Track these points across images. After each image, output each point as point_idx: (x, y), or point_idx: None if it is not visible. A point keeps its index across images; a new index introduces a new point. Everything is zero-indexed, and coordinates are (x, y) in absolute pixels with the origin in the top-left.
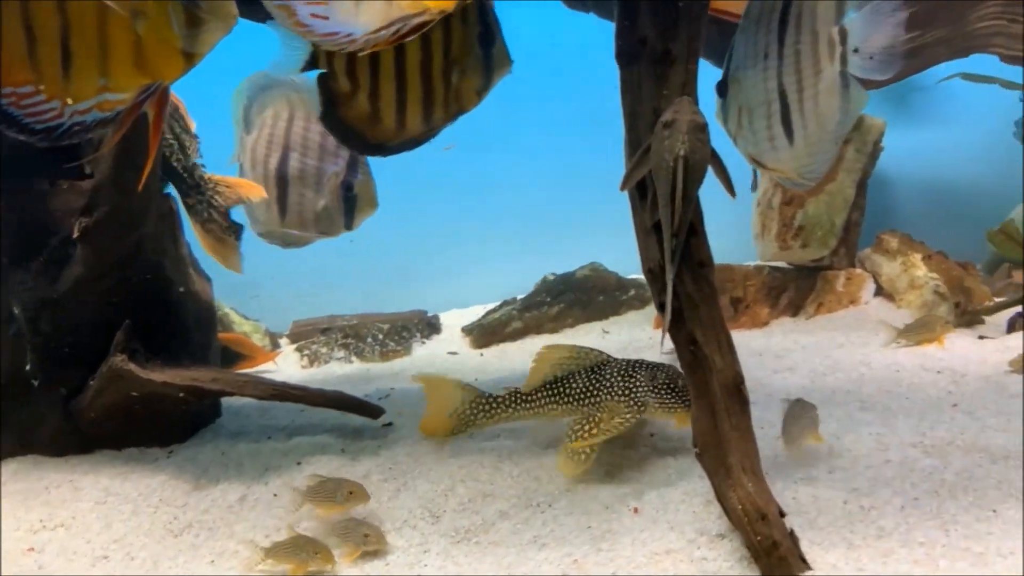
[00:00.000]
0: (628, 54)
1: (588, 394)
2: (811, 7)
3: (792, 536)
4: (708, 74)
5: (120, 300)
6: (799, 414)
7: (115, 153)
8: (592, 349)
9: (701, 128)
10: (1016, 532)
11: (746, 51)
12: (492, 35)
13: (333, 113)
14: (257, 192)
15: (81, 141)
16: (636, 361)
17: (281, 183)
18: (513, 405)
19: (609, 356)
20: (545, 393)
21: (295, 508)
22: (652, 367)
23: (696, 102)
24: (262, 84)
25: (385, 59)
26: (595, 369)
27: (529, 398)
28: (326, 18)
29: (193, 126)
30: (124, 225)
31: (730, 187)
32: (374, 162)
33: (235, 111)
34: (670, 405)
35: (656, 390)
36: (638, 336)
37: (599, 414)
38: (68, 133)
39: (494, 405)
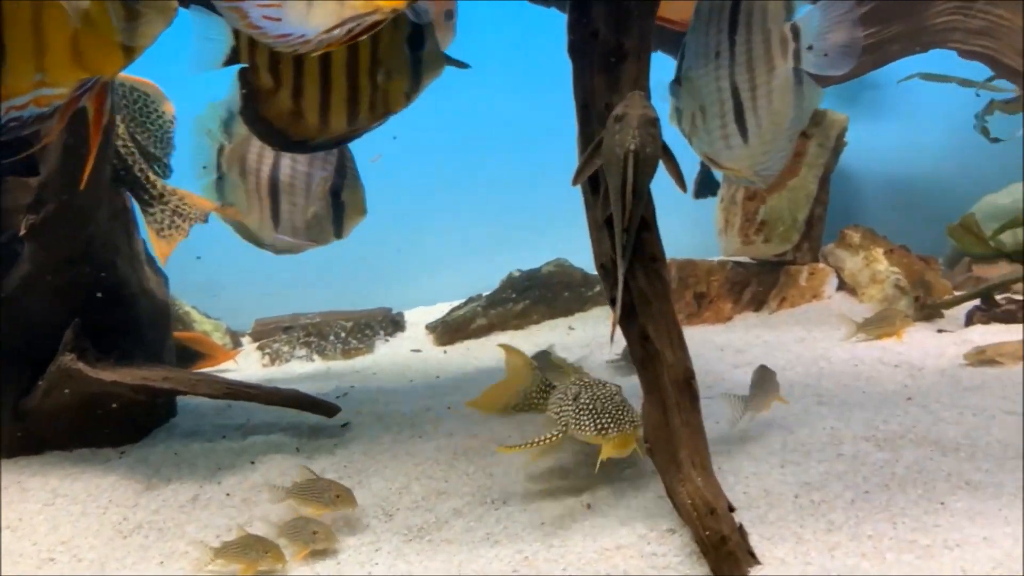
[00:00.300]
0: (580, 48)
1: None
2: (761, 5)
3: (741, 531)
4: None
5: (71, 298)
6: (763, 379)
7: (62, 149)
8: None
9: (652, 122)
10: (963, 524)
11: (697, 50)
12: (422, 37)
13: (253, 108)
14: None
15: (18, 136)
16: (581, 380)
17: (273, 191)
18: None
19: (582, 378)
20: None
21: (277, 501)
22: (588, 385)
23: (648, 96)
24: None
25: (309, 56)
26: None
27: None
28: (279, 20)
29: (171, 110)
30: (73, 222)
31: (681, 182)
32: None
33: (210, 120)
34: (584, 428)
35: (577, 411)
36: (603, 332)
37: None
38: (4, 129)
39: (550, 394)
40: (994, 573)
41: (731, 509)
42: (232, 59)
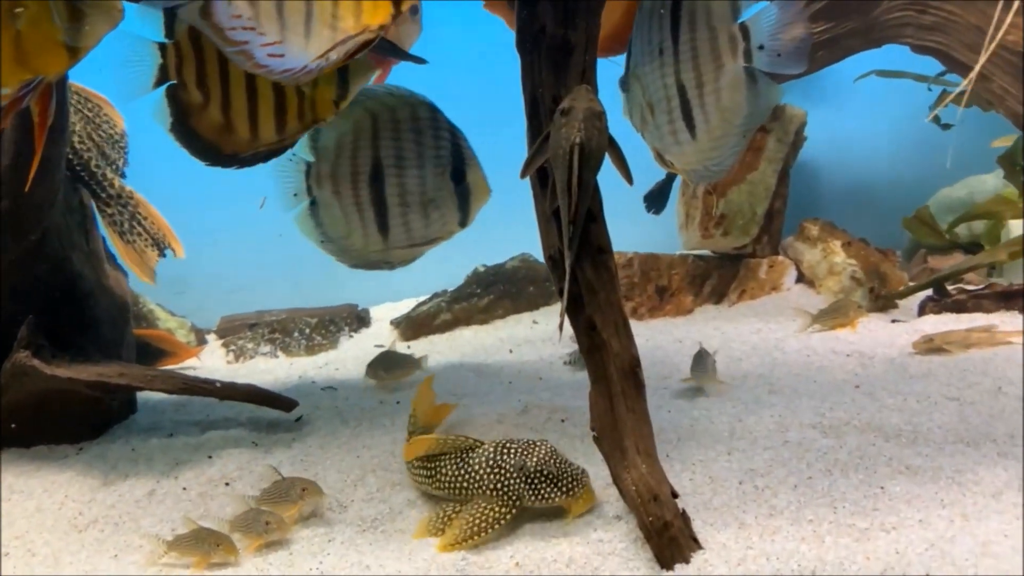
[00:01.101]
0: (528, 43)
1: (456, 483)
2: (704, 4)
3: (684, 516)
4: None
5: (26, 295)
6: (703, 360)
7: (15, 147)
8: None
9: (598, 116)
10: (900, 507)
11: (642, 47)
12: None
13: (184, 124)
14: (179, 249)
15: None
16: (506, 445)
17: (378, 202)
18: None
19: (477, 442)
20: (421, 469)
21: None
22: (523, 451)
23: (595, 90)
24: None
25: (235, 68)
26: (463, 456)
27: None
28: (282, 56)
29: (121, 123)
30: (27, 219)
31: (627, 174)
32: None
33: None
34: (549, 496)
35: (529, 482)
36: (566, 326)
37: (472, 510)
38: None
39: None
40: (927, 554)
41: (675, 495)
42: (162, 79)
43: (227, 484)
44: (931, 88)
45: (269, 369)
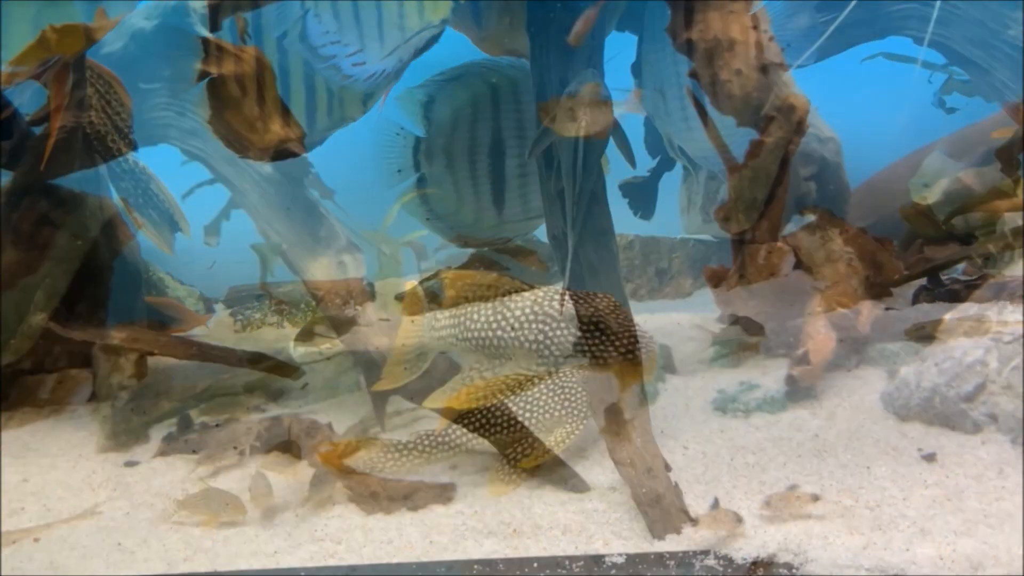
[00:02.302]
0: (538, 26)
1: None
2: None
3: (676, 489)
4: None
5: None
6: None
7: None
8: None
9: (603, 100)
10: (885, 485)
11: (655, 33)
12: None
13: (221, 117)
14: (187, 229)
15: None
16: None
17: (494, 175)
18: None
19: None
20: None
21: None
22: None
23: (601, 75)
24: (447, 77)
25: (268, 64)
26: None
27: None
28: (364, 63)
29: (129, 102)
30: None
31: (630, 157)
32: None
33: (407, 111)
34: (609, 356)
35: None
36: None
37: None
38: None
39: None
40: (908, 530)
41: (668, 469)
42: (204, 72)
43: (235, 448)
44: (931, 80)
45: (275, 339)
